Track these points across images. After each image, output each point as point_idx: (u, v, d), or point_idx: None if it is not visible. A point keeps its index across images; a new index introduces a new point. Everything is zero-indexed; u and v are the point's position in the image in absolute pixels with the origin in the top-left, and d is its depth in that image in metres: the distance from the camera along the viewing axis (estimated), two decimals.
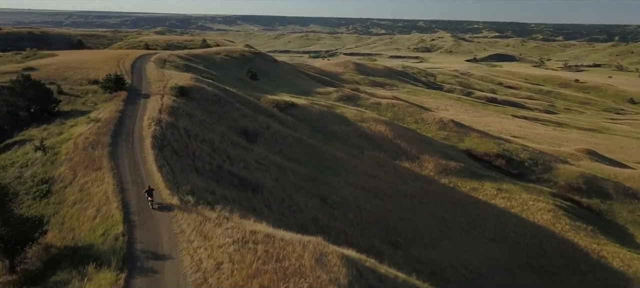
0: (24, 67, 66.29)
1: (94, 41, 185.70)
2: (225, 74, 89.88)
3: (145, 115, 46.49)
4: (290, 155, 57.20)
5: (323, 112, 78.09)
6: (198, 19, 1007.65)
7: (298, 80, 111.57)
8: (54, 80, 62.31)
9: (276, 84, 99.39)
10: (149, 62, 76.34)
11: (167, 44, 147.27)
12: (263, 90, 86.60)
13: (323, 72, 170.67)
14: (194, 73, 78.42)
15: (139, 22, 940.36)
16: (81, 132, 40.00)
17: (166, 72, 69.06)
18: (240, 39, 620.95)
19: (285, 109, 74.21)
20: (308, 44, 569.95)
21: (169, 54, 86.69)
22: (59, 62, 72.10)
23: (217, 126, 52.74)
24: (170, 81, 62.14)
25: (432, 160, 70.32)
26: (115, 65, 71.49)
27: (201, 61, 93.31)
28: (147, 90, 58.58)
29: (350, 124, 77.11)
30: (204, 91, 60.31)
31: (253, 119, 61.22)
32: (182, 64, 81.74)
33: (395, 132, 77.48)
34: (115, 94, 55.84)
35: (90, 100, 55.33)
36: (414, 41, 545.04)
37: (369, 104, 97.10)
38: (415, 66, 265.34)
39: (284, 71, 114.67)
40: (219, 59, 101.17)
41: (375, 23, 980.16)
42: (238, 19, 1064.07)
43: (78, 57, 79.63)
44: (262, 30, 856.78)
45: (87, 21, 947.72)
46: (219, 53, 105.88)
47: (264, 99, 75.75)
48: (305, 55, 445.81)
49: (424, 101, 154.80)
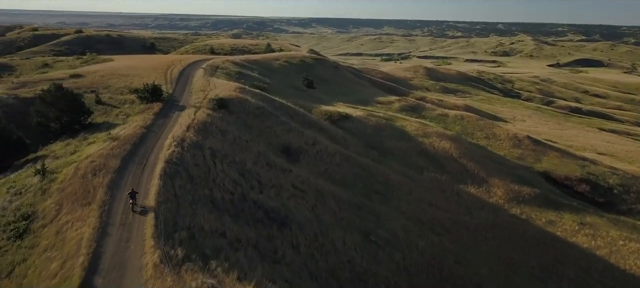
0: (71, 74, 64.53)
1: (166, 44, 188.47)
2: (280, 82, 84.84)
3: (171, 133, 41.78)
4: (336, 176, 50.66)
5: (380, 125, 70.87)
6: (274, 22, 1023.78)
7: (359, 87, 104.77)
8: (96, 88, 59.72)
9: (334, 93, 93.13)
10: (200, 69, 72.68)
11: (232, 48, 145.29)
12: (318, 100, 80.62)
13: (390, 77, 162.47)
14: (246, 81, 73.88)
15: (218, 24, 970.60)
16: (90, 153, 35.72)
17: (213, 80, 64.80)
18: (313, 42, 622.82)
19: (338, 122, 67.76)
20: (381, 47, 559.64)
21: (223, 60, 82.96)
22: (109, 69, 70.03)
23: (254, 144, 47.20)
24: (213, 91, 57.61)
25: (502, 185, 61.26)
26: (162, 73, 68.33)
27: (257, 68, 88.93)
28: (185, 102, 54.31)
29: (410, 139, 69.41)
30: (246, 103, 55.11)
31: (298, 133, 55.26)
32: (234, 71, 77.55)
33: (461, 150, 68.86)
34: (150, 105, 52.00)
35: (124, 111, 51.79)
36: (492, 44, 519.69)
37: (435, 116, 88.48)
38: (491, 71, 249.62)
39: (344, 78, 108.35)
40: (277, 65, 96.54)
41: (451, 25, 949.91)
42: (313, 21, 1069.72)
43: (131, 63, 77.53)
44: (335, 32, 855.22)
45: (171, 23, 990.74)
46: (278, 59, 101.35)
47: (316, 109, 69.72)
48: (377, 58, 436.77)
49: (499, 110, 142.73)
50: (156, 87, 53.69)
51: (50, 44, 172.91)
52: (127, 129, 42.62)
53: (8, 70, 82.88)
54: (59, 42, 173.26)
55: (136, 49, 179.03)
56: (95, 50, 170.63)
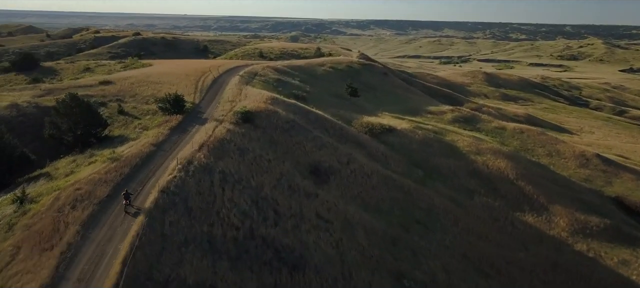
0: (101, 81, 62.01)
1: (219, 47, 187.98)
2: (322, 90, 79.49)
3: (181, 152, 37.30)
4: (370, 201, 44.63)
5: (428, 140, 64.02)
6: (332, 24, 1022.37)
7: (409, 95, 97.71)
8: (123, 96, 56.69)
9: (380, 101, 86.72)
10: (236, 76, 68.56)
11: (282, 52, 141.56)
12: (361, 110, 74.62)
13: (445, 82, 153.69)
14: (284, 89, 69.08)
15: (278, 26, 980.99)
16: (81, 177, 31.71)
17: (247, 89, 60.29)
18: (371, 44, 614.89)
19: (380, 135, 61.54)
20: (440, 49, 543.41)
21: (263, 67, 78.65)
22: (142, 75, 67.22)
23: (278, 163, 41.99)
24: (241, 103, 53.07)
25: (565, 213, 53.09)
26: (195, 81, 64.67)
27: (300, 74, 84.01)
28: (209, 114, 50.05)
29: (460, 157, 62.15)
30: (275, 116, 50.04)
31: (331, 150, 49.59)
32: (274, 78, 72.94)
33: (519, 170, 60.93)
34: (170, 117, 48.05)
35: (144, 123, 48.15)
36: (558, 48, 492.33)
37: (491, 129, 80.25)
38: (557, 77, 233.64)
39: (394, 85, 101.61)
40: (322, 71, 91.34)
41: (515, 28, 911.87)
42: (371, 23, 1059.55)
43: (167, 68, 74.73)
44: (394, 34, 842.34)
45: (232, 25, 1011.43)
46: (323, 65, 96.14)
47: (357, 121, 63.81)
48: (436, 60, 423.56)
49: (564, 120, 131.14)
50: (178, 97, 49.70)
51: (109, 46, 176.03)
52: (135, 146, 38.64)
53: (51, 74, 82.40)
54: (116, 44, 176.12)
55: (189, 51, 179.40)
56: (150, 52, 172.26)
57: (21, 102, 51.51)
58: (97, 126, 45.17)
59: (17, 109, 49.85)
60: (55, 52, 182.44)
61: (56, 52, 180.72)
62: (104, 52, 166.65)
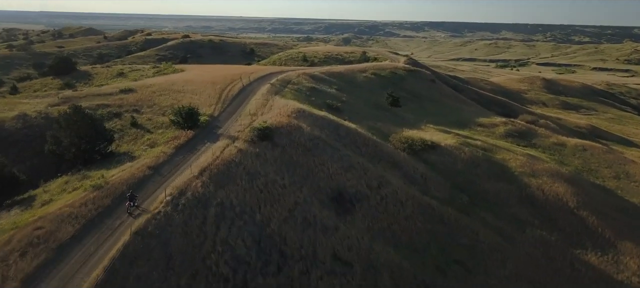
0: (122, 88, 58.69)
1: (265, 50, 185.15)
2: (360, 99, 73.33)
3: (178, 179, 32.51)
4: (402, 236, 38.39)
5: (475, 159, 56.78)
6: (385, 26, 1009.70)
7: (458, 104, 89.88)
8: (140, 106, 52.99)
9: (425, 112, 79.60)
10: (267, 84, 63.64)
11: (326, 56, 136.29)
12: (402, 122, 68.04)
13: (500, 89, 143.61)
14: (317, 99, 63.56)
15: (331, 28, 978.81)
16: (50, 211, 27.38)
17: (275, 100, 55.16)
18: (424, 46, 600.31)
19: (420, 153, 54.91)
20: (496, 52, 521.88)
21: (298, 74, 73.45)
22: (165, 83, 63.47)
23: (294, 190, 36.50)
24: (264, 116, 48.06)
25: (637, 253, 44.89)
26: (221, 89, 60.22)
27: (338, 81, 78.25)
28: (225, 130, 45.26)
29: (512, 179, 54.60)
30: (298, 132, 44.55)
31: (361, 172, 43.59)
32: (307, 87, 67.52)
33: (580, 197, 52.79)
34: (181, 133, 43.57)
35: (153, 138, 44.03)
36: (626, 51, 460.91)
37: (549, 145, 71.57)
38: (623, 83, 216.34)
39: (442, 93, 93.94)
40: (362, 78, 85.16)
41: (577, 30, 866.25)
42: (426, 25, 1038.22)
43: (196, 74, 70.90)
44: (448, 37, 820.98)
45: (286, 27, 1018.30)
46: (364, 71, 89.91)
47: (395, 136, 57.40)
48: (492, 64, 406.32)
49: (632, 133, 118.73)
50: (192, 111, 45.15)
51: (157, 48, 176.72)
52: (129, 169, 34.30)
53: (85, 78, 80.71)
54: (164, 47, 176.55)
55: (236, 55, 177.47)
56: (197, 55, 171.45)
57: (31, 112, 48.69)
58: (102, 141, 41.30)
59: (24, 120, 47.02)
60: (107, 54, 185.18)
61: (108, 54, 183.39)
62: (152, 55, 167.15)
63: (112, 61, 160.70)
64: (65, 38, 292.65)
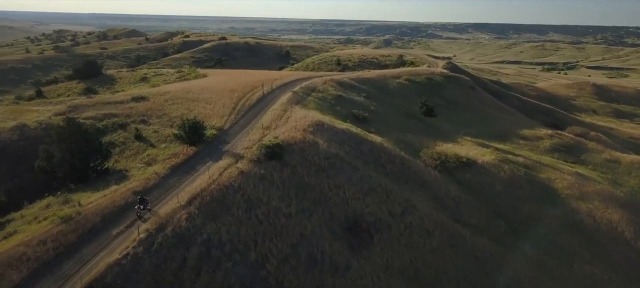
0: (133, 96, 55.54)
1: (301, 53, 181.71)
2: (391, 108, 67.96)
3: (162, 209, 28.48)
4: (426, 273, 33.20)
5: (516, 179, 50.69)
6: (428, 27, 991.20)
7: (499, 114, 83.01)
8: (149, 117, 49.66)
9: (463, 122, 73.42)
10: (289, 92, 59.22)
11: (361, 60, 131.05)
12: (436, 133, 62.34)
13: (546, 96, 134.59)
14: (342, 109, 58.78)
15: (372, 30, 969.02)
16: (1, 250, 23.68)
17: (294, 111, 50.67)
18: (467, 48, 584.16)
19: (454, 171, 49.30)
20: (543, 55, 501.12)
21: (324, 81, 68.75)
22: (180, 90, 59.91)
23: (301, 220, 31.89)
24: (278, 130, 43.66)
25: None
26: (238, 98, 56.17)
27: (368, 88, 73.12)
28: (232, 146, 41.03)
29: (557, 203, 48.31)
30: (313, 149, 39.88)
31: (383, 195, 38.55)
32: (333, 95, 62.67)
33: (639, 226, 46.03)
34: (182, 149, 39.71)
35: (154, 154, 40.39)
36: None
37: (600, 161, 64.26)
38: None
39: (482, 101, 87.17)
40: (395, 84, 79.60)
41: (631, 31, 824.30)
42: (469, 26, 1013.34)
43: (217, 81, 67.27)
44: (493, 38, 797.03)
45: (327, 29, 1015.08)
46: (398, 76, 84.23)
47: (427, 151, 51.93)
48: (538, 67, 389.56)
49: None
50: (196, 125, 41.10)
51: (193, 50, 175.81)
52: (111, 195, 30.60)
53: (109, 83, 78.71)
54: (200, 49, 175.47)
55: (271, 57, 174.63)
56: (232, 57, 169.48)
57: (31, 123, 45.97)
58: (97, 157, 37.88)
59: (21, 132, 44.33)
60: (145, 56, 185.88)
61: (145, 56, 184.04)
62: (187, 57, 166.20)
63: (148, 63, 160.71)
64: (110, 39, 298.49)
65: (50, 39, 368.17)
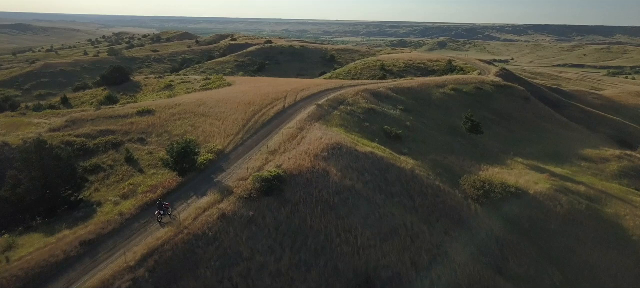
0: (139, 110, 50.72)
1: (346, 57, 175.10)
2: (431, 123, 60.26)
3: (103, 273, 22.78)
4: None
5: (576, 215, 42.13)
6: (485, 29, 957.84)
7: (558, 129, 73.19)
8: (148, 134, 44.82)
9: (515, 139, 64.63)
10: (313, 105, 52.86)
11: (407, 64, 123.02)
12: (483, 154, 54.35)
13: (613, 105, 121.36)
14: (372, 125, 51.91)
15: (426, 32, 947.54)
16: None
17: (312, 129, 44.17)
18: (526, 51, 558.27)
19: (499, 204, 41.41)
20: (609, 58, 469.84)
21: (357, 91, 61.80)
22: (191, 103, 54.54)
23: (294, 278, 25.45)
24: (283, 156, 37.33)
25: None
26: (253, 113, 50.27)
27: (407, 100, 65.67)
28: (226, 176, 34.93)
29: (628, 248, 39.55)
30: (322, 181, 33.27)
31: (406, 241, 31.47)
32: (363, 108, 55.77)
33: None
34: (166, 180, 34.08)
35: (136, 183, 34.97)
36: None
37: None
38: None
39: (537, 113, 77.35)
40: (438, 95, 71.56)
41: None
42: (529, 28, 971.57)
43: (238, 91, 61.71)
44: (554, 40, 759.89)
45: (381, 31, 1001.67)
46: (443, 85, 76.00)
47: (468, 179, 44.17)
48: (603, 71, 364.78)
49: None
50: (186, 149, 35.11)
51: (237, 54, 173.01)
52: (55, 244, 25.09)
53: (133, 90, 75.24)
54: (244, 53, 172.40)
55: (315, 61, 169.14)
56: (275, 61, 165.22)
57: (15, 141, 41.65)
58: (69, 187, 32.84)
59: (1, 151, 40.27)
60: (190, 59, 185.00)
61: (191, 59, 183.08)
62: (231, 61, 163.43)
63: (192, 67, 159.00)
64: (163, 42, 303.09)
65: (109, 41, 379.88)
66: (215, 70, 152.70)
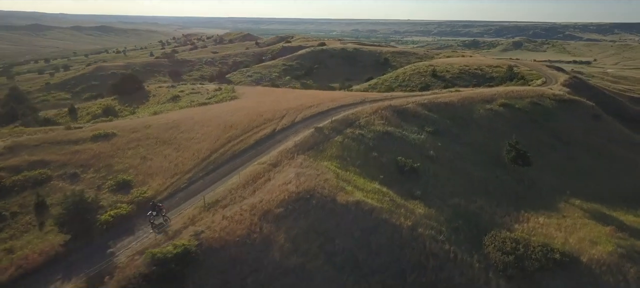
0: (97, 134, 42.77)
1: (401, 60, 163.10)
2: (467, 149, 48.61)
3: None
4: None
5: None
6: (566, 28, 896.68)
7: (636, 157, 58.51)
8: (88, 167, 37.06)
9: (576, 169, 51.43)
10: (312, 128, 42.97)
11: (462, 70, 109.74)
12: (528, 194, 42.31)
13: None
14: (381, 154, 41.47)
15: (502, 31, 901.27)
16: None
17: (291, 164, 34.39)
18: (611, 52, 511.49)
19: (537, 278, 29.90)
20: None
21: (374, 109, 51.04)
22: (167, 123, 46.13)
23: None
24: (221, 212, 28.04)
25: None
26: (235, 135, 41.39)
27: (441, 118, 54.20)
28: (130, 242, 25.90)
29: None
30: (254, 259, 23.61)
31: None
32: (376, 132, 44.96)
33: None
34: (43, 247, 25.54)
35: (16, 247, 26.73)
36: None
37: None
38: None
39: (610, 136, 62.37)
40: (483, 112, 58.96)
41: None
42: (616, 27, 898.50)
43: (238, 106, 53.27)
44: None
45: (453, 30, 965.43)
46: (490, 100, 63.01)
47: (496, 237, 32.82)
48: None
49: None
50: (79, 206, 26.31)
51: (286, 57, 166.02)
52: None
53: (140, 100, 68.91)
54: (293, 56, 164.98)
55: (368, 64, 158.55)
56: (324, 65, 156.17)
57: None
58: None
59: None
60: (241, 62, 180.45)
61: (241, 62, 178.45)
62: (278, 65, 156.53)
63: (239, 71, 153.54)
64: (225, 43, 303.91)
65: (177, 42, 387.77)
66: (261, 74, 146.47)
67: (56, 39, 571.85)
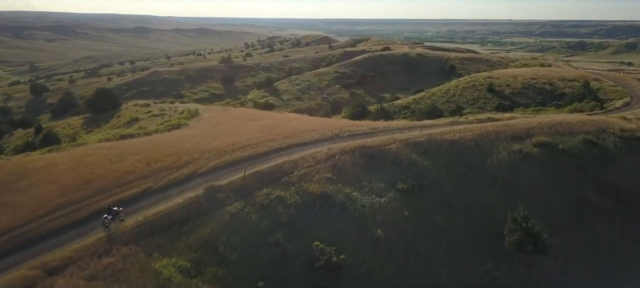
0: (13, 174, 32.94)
1: (471, 67, 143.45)
2: (456, 223, 32.77)
3: None
4: None
5: None
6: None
7: None
8: None
9: (635, 256, 33.55)
10: (211, 186, 30.01)
11: (525, 84, 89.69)
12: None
13: None
14: (286, 242, 27.56)
15: (614, 31, 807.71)
16: None
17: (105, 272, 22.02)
18: None
19: None
20: None
21: (341, 149, 35.53)
22: (117, 151, 35.48)
23: None
24: None
25: None
26: (118, 188, 29.46)
27: (433, 165, 37.59)
28: None
29: None
30: None
31: None
32: (309, 193, 29.65)
33: None
34: None
35: None
36: None
37: None
38: None
39: None
40: (504, 156, 40.62)
41: None
42: None
43: (150, 143, 40.92)
44: None
45: (559, 30, 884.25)
46: (522, 137, 43.94)
47: None
48: None
49: None
50: None
51: (339, 64, 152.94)
52: None
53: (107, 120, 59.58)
54: (348, 63, 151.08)
55: (431, 72, 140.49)
56: (381, 72, 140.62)
57: None
58: None
59: None
60: (299, 67, 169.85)
61: (299, 68, 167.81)
62: (330, 72, 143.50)
63: (287, 78, 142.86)
64: (301, 46, 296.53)
65: (261, 44, 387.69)
66: (310, 82, 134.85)
67: (157, 41, 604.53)
